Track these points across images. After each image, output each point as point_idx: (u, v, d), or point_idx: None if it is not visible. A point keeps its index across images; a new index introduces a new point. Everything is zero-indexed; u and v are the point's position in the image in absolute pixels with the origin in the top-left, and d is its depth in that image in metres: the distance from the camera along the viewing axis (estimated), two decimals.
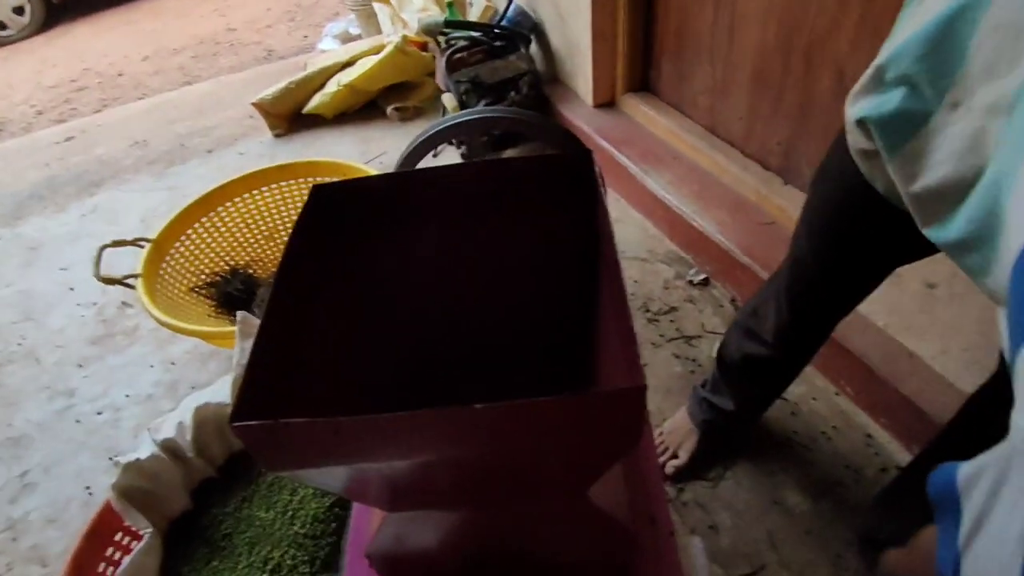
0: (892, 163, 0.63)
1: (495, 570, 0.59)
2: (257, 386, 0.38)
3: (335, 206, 0.52)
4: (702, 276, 1.75)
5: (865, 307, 1.40)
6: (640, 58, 2.04)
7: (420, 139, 0.73)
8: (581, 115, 2.17)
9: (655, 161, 1.92)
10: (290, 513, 1.19)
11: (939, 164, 0.55)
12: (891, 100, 0.60)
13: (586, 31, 2.01)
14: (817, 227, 0.94)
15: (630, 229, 1.97)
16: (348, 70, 2.62)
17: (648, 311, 1.71)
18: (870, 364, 1.33)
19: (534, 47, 2.38)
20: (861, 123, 0.66)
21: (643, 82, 2.10)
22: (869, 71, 0.64)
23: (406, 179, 0.52)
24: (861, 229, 0.85)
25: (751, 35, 1.58)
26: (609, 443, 0.37)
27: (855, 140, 0.72)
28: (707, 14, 1.70)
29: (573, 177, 0.50)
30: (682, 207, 1.76)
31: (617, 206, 2.06)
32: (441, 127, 0.73)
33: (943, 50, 0.54)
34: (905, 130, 0.59)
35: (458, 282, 0.54)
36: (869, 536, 1.16)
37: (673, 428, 1.41)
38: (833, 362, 1.44)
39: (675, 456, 1.37)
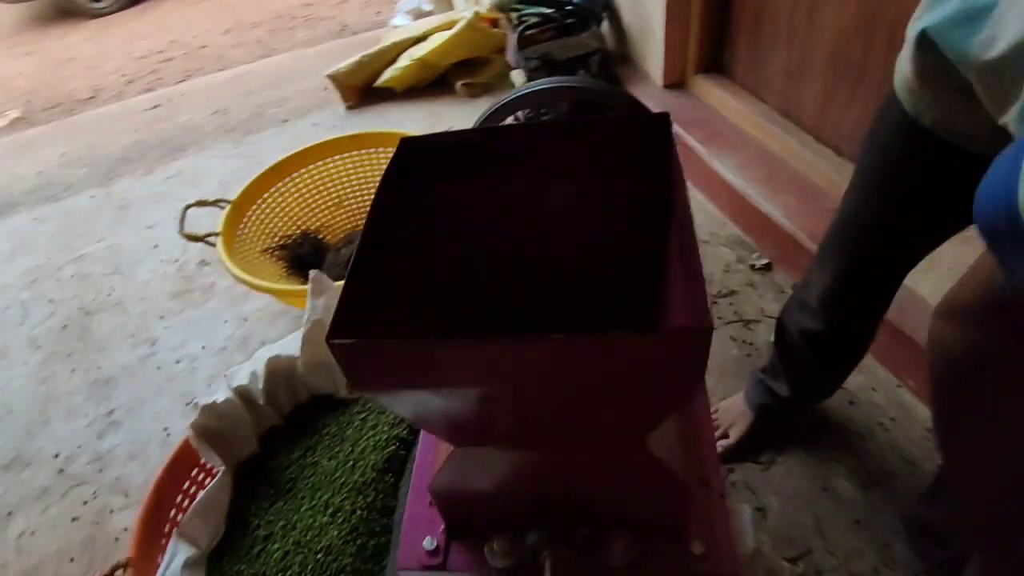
0: (965, 61, 0.61)
1: (551, 515, 0.63)
2: (351, 310, 0.41)
3: (421, 158, 0.55)
4: (764, 261, 1.73)
5: (936, 298, 1.36)
6: (714, 38, 2.01)
7: (491, 109, 0.75)
8: (650, 95, 2.15)
9: (723, 144, 1.89)
10: (351, 463, 1.26)
11: (1010, 30, 0.54)
12: (951, 3, 0.60)
13: (660, 9, 1.99)
14: (865, 180, 0.93)
15: (693, 211, 1.94)
16: (420, 45, 2.67)
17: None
18: None
19: (605, 25, 2.36)
20: (923, 39, 0.66)
21: (716, 63, 2.06)
22: None
23: (488, 134, 0.54)
24: (911, 174, 0.84)
25: (832, 14, 1.54)
26: (672, 383, 0.39)
27: (906, 70, 0.73)
28: None
29: (650, 137, 0.52)
30: (748, 191, 1.73)
31: None
32: (513, 97, 0.75)
33: None
34: (970, 25, 0.59)
35: (535, 231, 0.56)
36: (918, 525, 1.14)
37: (727, 408, 1.41)
38: (896, 353, 1.40)
39: (726, 436, 1.37)
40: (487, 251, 0.57)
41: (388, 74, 2.66)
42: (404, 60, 2.63)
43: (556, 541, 0.60)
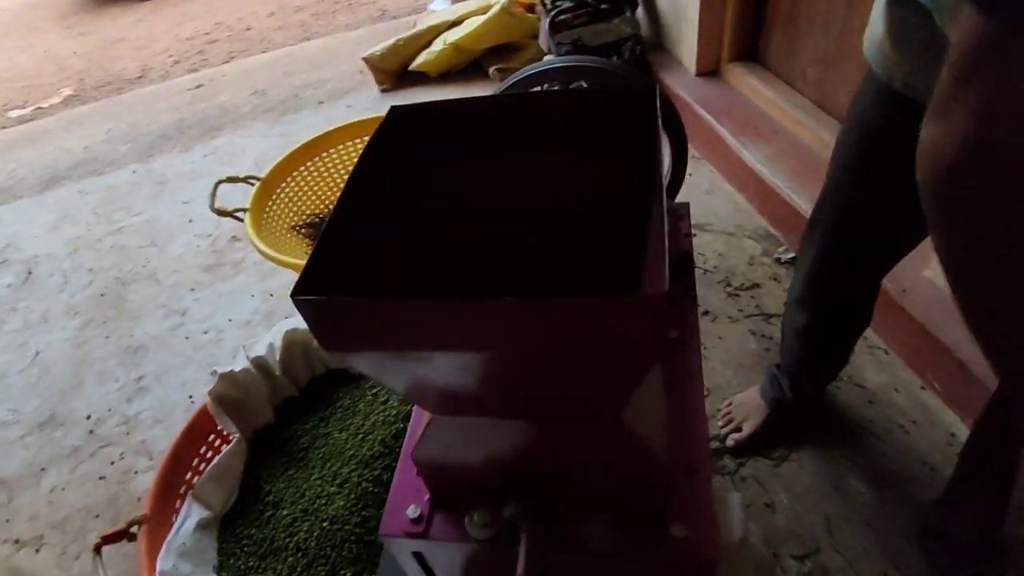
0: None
1: (530, 489, 0.63)
2: (322, 269, 0.42)
3: (410, 126, 0.56)
4: (791, 255, 1.69)
5: None
6: (749, 26, 1.96)
7: (507, 83, 0.76)
8: (683, 83, 2.12)
9: (754, 134, 1.85)
10: (361, 436, 1.28)
11: None
12: None
13: None
14: (843, 153, 0.92)
15: (720, 202, 1.91)
16: (455, 29, 2.67)
17: (729, 285, 1.67)
18: (964, 360, 1.25)
19: (640, 11, 2.33)
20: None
21: (750, 52, 2.02)
22: None
23: (476, 104, 0.55)
24: (886, 143, 0.83)
25: (870, 1, 1.48)
26: (631, 350, 0.39)
27: (877, 32, 0.75)
28: None
29: (638, 111, 0.52)
30: (777, 182, 1.69)
31: (710, 178, 2.01)
32: (520, 76, 0.75)
33: None
34: None
35: (523, 202, 0.56)
36: (932, 532, 1.11)
37: (742, 402, 1.39)
38: (923, 354, 1.36)
39: (739, 430, 1.35)
40: (473, 221, 0.57)
41: (422, 58, 2.67)
42: (438, 44, 2.64)
43: (534, 516, 0.61)
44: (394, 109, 0.55)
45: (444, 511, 0.68)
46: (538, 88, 0.82)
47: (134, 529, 1.15)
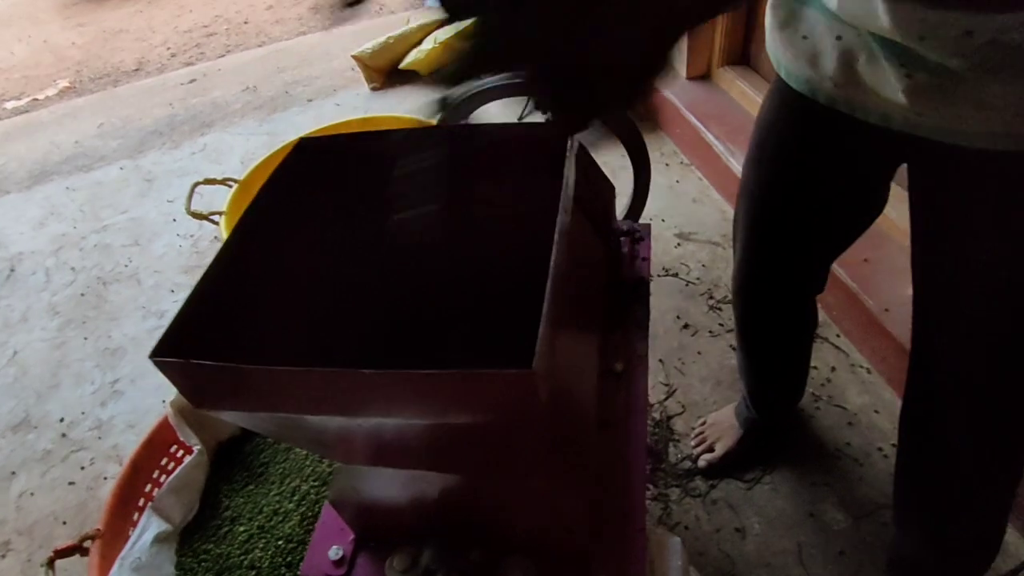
0: None
1: (449, 533, 0.60)
2: (197, 322, 0.39)
3: (320, 159, 0.52)
4: None
5: None
6: (741, 30, 1.91)
7: (453, 102, 0.73)
8: (673, 87, 2.07)
9: (744, 140, 1.79)
10: None
11: None
12: None
13: None
14: (750, 153, 0.92)
15: (707, 211, 1.87)
16: (445, 28, 2.62)
17: (712, 298, 1.63)
18: None
19: None
20: None
21: (742, 55, 1.97)
22: None
23: (386, 138, 0.51)
24: (781, 137, 0.84)
25: None
26: (506, 420, 0.36)
27: (768, 17, 0.75)
28: None
29: (554, 151, 0.48)
30: None
31: (698, 185, 1.97)
32: (467, 95, 0.72)
33: None
34: None
35: (433, 244, 0.53)
36: (895, 559, 1.08)
37: (715, 421, 1.35)
38: (903, 375, 1.31)
39: (711, 450, 1.32)
40: (377, 266, 0.54)
41: (412, 56, 2.64)
42: (429, 43, 2.60)
43: (450, 564, 0.58)
44: (302, 141, 0.52)
45: (367, 553, 0.65)
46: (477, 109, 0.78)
47: (87, 544, 1.13)
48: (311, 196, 0.52)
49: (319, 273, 0.53)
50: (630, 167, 1.49)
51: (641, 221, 1.02)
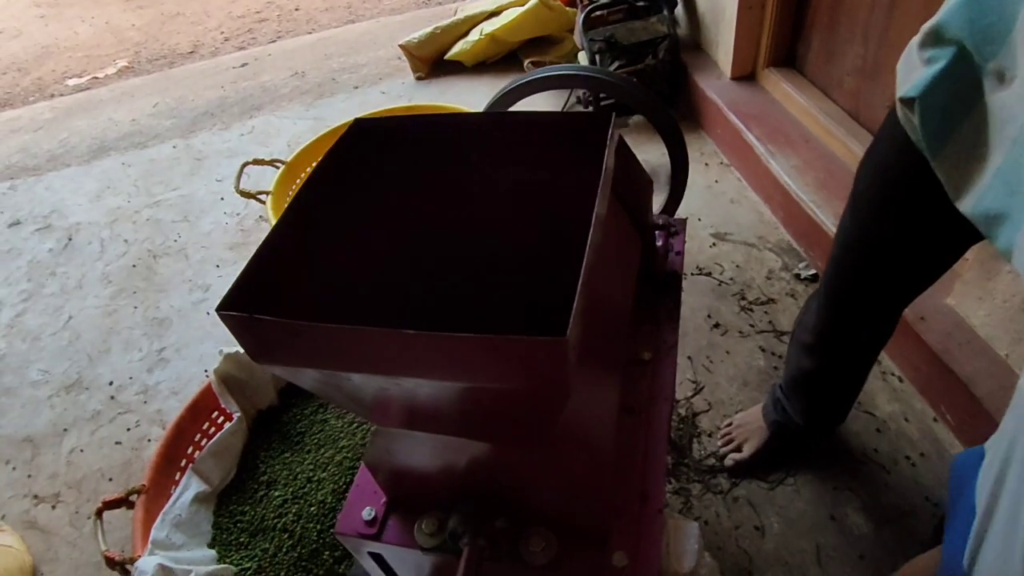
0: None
1: (476, 500, 0.63)
2: (257, 281, 0.43)
3: (374, 139, 0.56)
4: (811, 272, 1.64)
5: (987, 331, 1.25)
6: (788, 31, 1.89)
7: (501, 92, 0.75)
8: (716, 87, 2.06)
9: (784, 142, 1.80)
10: (355, 424, 1.31)
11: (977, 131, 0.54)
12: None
13: None
14: (862, 202, 0.90)
15: (743, 211, 1.86)
16: (492, 19, 2.66)
17: (744, 299, 1.63)
18: (977, 394, 1.20)
19: (679, 9, 2.27)
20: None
21: (788, 57, 1.95)
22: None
23: (440, 121, 0.54)
24: (904, 196, 0.81)
25: (913, 10, 1.42)
26: (536, 387, 0.38)
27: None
28: None
29: (597, 135, 0.50)
30: (802, 195, 1.64)
31: (736, 186, 1.96)
32: (515, 85, 0.74)
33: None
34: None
35: (479, 222, 0.56)
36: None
37: (743, 422, 1.36)
38: (937, 384, 1.31)
39: (739, 450, 1.33)
40: (427, 241, 0.57)
41: (458, 47, 2.67)
42: (475, 34, 2.63)
43: (475, 529, 0.61)
44: (358, 121, 0.55)
45: (398, 515, 0.69)
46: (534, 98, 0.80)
47: (133, 498, 1.19)
48: (365, 171, 0.55)
49: (370, 243, 0.56)
50: (668, 163, 1.50)
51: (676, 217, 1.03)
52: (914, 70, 0.69)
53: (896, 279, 0.93)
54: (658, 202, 1.64)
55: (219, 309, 0.41)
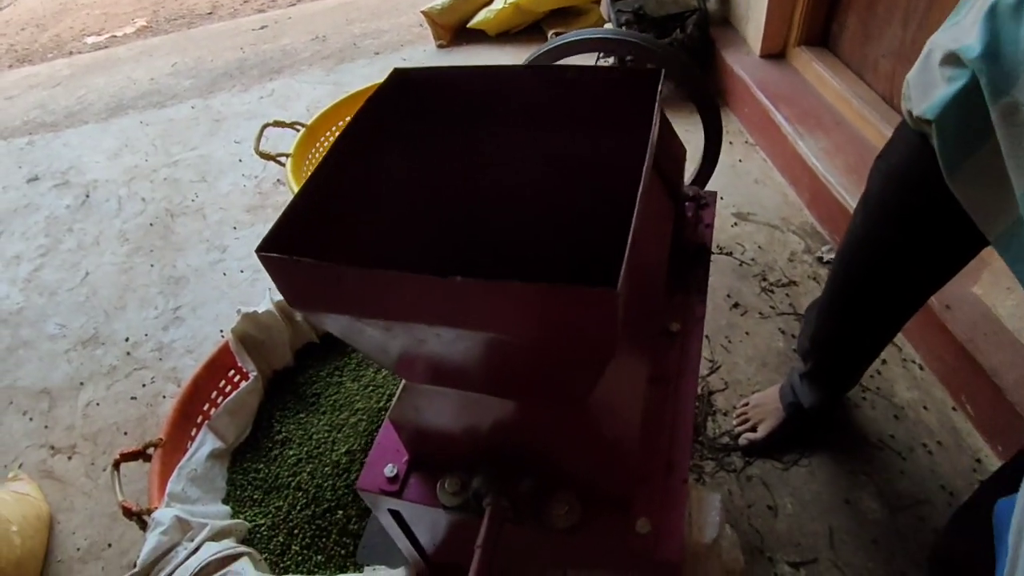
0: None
1: (501, 461, 0.63)
2: (297, 225, 0.42)
3: (413, 90, 0.54)
4: (834, 256, 1.61)
5: (1015, 322, 1.23)
6: (823, 9, 1.84)
7: (541, 51, 0.73)
8: (744, 63, 2.02)
9: (813, 124, 1.76)
10: (371, 388, 1.31)
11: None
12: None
13: None
14: (874, 204, 0.88)
15: (768, 192, 1.84)
16: None
17: (765, 280, 1.61)
18: (1001, 385, 1.18)
19: None
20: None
21: (821, 36, 1.90)
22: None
23: (479, 74, 0.53)
24: (916, 200, 0.80)
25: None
26: (582, 341, 0.38)
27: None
28: None
29: (645, 92, 0.49)
30: (830, 177, 1.61)
31: (762, 166, 1.93)
32: (549, 47, 0.72)
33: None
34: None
35: (518, 176, 0.55)
36: (941, 558, 1.06)
37: (760, 402, 1.35)
38: (959, 374, 1.29)
39: (754, 430, 1.32)
40: (466, 192, 0.56)
41: (482, 15, 2.63)
42: (499, 3, 2.59)
43: (499, 490, 0.61)
44: (396, 72, 0.54)
45: (420, 474, 0.69)
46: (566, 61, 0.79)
47: (150, 451, 1.20)
48: (404, 121, 0.54)
49: (408, 194, 0.55)
50: (696, 136, 1.47)
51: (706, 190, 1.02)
52: (934, 87, 0.68)
53: (903, 283, 0.92)
54: (687, 173, 1.62)
55: (259, 250, 0.40)
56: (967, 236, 0.78)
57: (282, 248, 0.42)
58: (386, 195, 0.52)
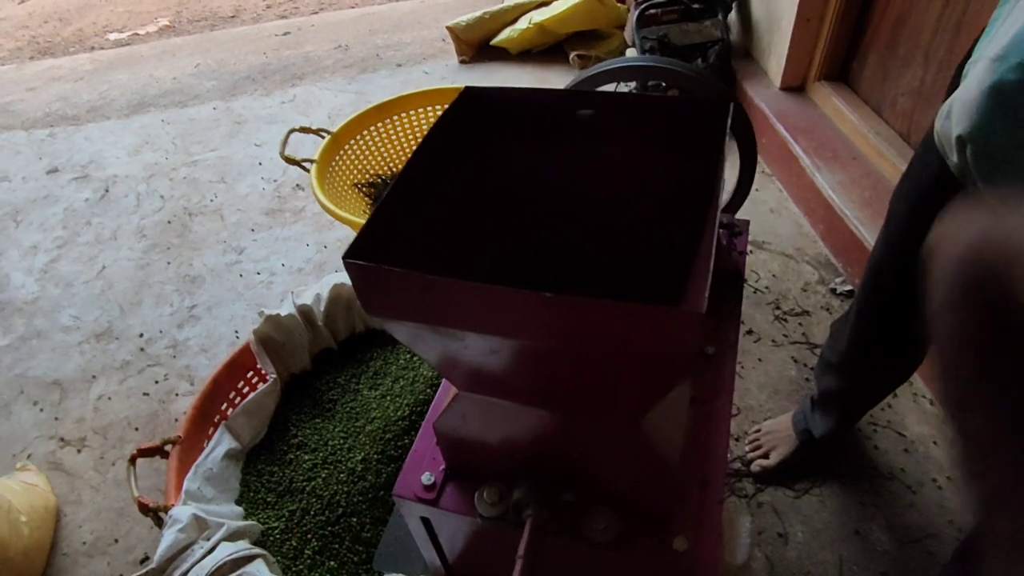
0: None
1: (541, 476, 0.64)
2: (378, 233, 0.43)
3: (481, 108, 0.56)
4: (848, 287, 1.64)
5: None
6: (844, 46, 1.88)
7: (574, 82, 0.75)
8: (765, 96, 2.05)
9: (831, 158, 1.79)
10: (389, 397, 1.32)
11: None
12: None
13: (792, 7, 1.88)
14: (895, 226, 0.90)
15: (783, 222, 1.86)
16: (542, 9, 2.65)
17: (779, 308, 1.63)
18: None
19: (733, 15, 2.26)
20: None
21: (841, 72, 1.94)
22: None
23: (552, 96, 0.55)
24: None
25: (979, 34, 1.40)
26: (662, 361, 0.39)
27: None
28: (935, 8, 1.52)
29: (709, 122, 0.51)
30: (846, 211, 1.63)
31: (777, 196, 1.96)
32: (593, 72, 0.75)
33: None
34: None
35: (580, 197, 0.57)
36: None
37: (772, 429, 1.36)
38: None
39: (766, 457, 1.33)
40: (530, 211, 0.58)
41: (505, 34, 2.67)
42: (523, 22, 2.63)
43: (541, 502, 0.62)
44: (468, 90, 0.56)
45: (456, 483, 0.70)
46: (613, 85, 0.81)
47: (167, 447, 1.21)
48: (471, 138, 0.56)
49: (474, 207, 0.57)
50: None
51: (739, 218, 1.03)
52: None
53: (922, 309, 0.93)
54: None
55: (346, 257, 0.41)
56: None
57: (363, 255, 0.43)
58: (455, 207, 0.53)
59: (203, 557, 1.03)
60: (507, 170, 0.58)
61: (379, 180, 1.94)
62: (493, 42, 2.73)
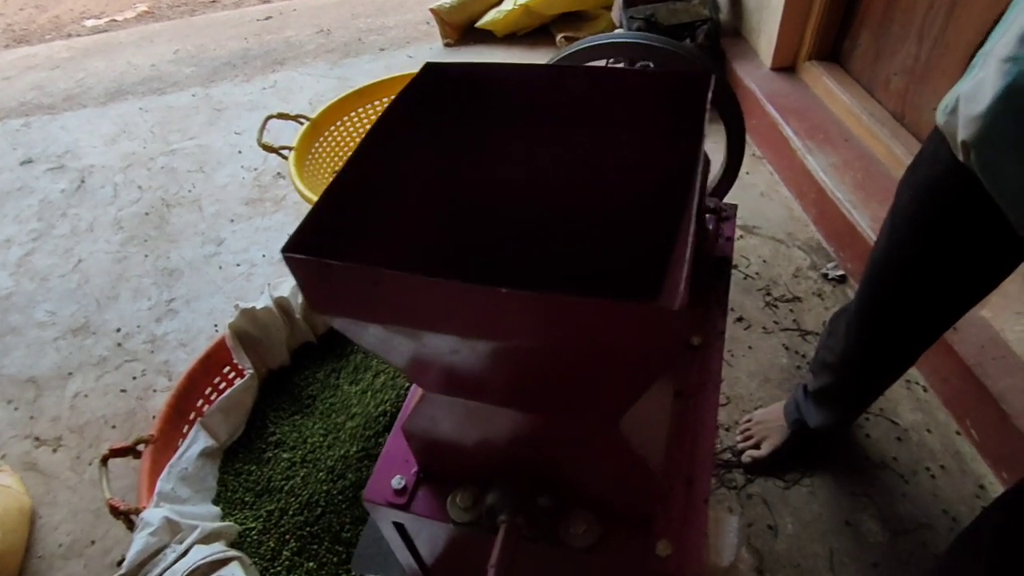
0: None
1: (518, 477, 0.60)
2: (322, 227, 0.39)
3: (443, 86, 0.52)
4: (839, 272, 1.60)
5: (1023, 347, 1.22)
6: (836, 24, 1.84)
7: (571, 50, 0.71)
8: (755, 76, 2.01)
9: (822, 139, 1.75)
10: (370, 393, 1.28)
11: None
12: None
13: None
14: (902, 221, 0.86)
15: (773, 206, 1.83)
16: None
17: (769, 294, 1.60)
18: (1008, 410, 1.17)
19: None
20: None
21: (833, 51, 1.89)
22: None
23: (514, 71, 0.50)
24: (948, 217, 0.78)
25: (976, 11, 1.37)
26: (636, 359, 0.35)
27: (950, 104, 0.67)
28: None
29: (690, 99, 0.47)
30: (838, 194, 1.60)
31: (768, 179, 1.92)
32: (583, 46, 0.70)
33: None
34: None
35: (552, 179, 0.53)
36: None
37: (763, 419, 1.33)
38: (964, 398, 1.28)
39: (757, 447, 1.30)
40: (495, 194, 0.54)
41: (490, 16, 2.61)
42: (508, 4, 2.57)
43: (515, 507, 0.58)
44: (428, 66, 0.52)
45: (430, 486, 0.66)
46: (597, 62, 0.76)
47: (140, 447, 1.17)
48: (434, 117, 0.52)
49: (435, 191, 0.53)
50: (710, 145, 1.46)
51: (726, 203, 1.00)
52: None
53: (933, 303, 0.89)
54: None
55: (285, 251, 0.37)
56: (999, 254, 0.76)
57: (308, 248, 0.39)
58: (414, 193, 0.49)
59: (175, 561, 1.00)
60: (473, 154, 0.54)
61: None
62: (478, 24, 2.67)
